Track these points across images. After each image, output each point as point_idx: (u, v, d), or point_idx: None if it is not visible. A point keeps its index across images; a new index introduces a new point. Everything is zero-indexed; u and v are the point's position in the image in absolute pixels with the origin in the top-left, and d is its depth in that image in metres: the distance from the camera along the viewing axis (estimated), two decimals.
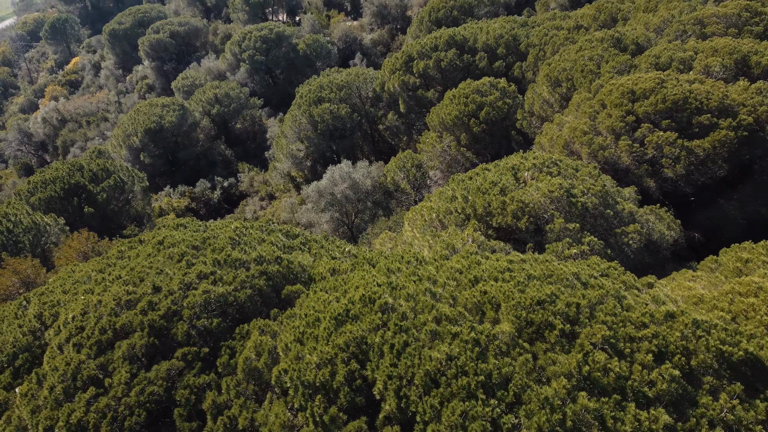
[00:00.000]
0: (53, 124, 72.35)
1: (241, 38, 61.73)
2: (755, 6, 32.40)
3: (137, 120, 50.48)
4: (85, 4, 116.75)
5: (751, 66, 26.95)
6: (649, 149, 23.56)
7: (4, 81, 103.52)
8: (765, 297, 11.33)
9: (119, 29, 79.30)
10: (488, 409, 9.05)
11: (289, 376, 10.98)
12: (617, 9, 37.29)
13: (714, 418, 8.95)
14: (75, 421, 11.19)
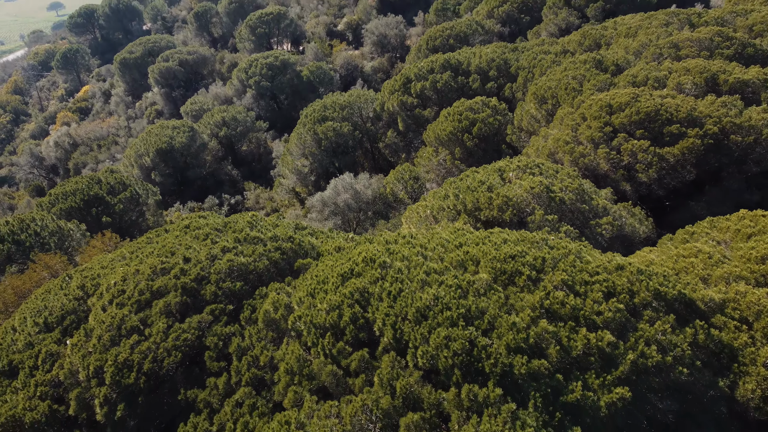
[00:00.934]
0: (65, 147, 75.01)
1: (247, 65, 64.70)
2: (727, 32, 35.10)
3: (149, 141, 52.99)
4: (95, 36, 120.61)
5: (720, 83, 29.42)
6: (624, 156, 25.90)
7: (16, 108, 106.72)
8: (703, 257, 13.49)
9: (130, 58, 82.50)
10: (467, 332, 11.18)
11: (302, 321, 13.11)
12: (601, 35, 40.08)
13: (649, 339, 11.08)
14: (122, 360, 13.26)
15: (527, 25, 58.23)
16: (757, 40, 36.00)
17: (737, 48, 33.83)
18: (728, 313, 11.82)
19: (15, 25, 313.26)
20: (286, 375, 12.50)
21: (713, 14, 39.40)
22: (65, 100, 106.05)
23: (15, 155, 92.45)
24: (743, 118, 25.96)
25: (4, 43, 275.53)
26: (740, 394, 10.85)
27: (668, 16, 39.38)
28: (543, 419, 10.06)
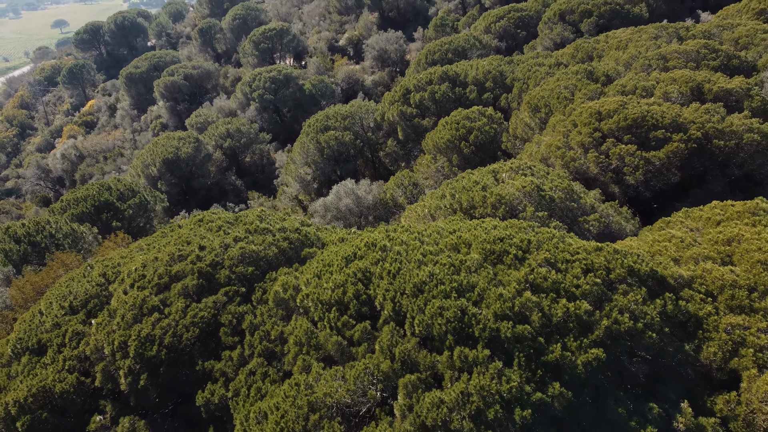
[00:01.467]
0: (71, 159, 76.56)
1: (251, 79, 66.37)
2: (713, 44, 36.63)
3: (155, 151, 54.45)
4: (101, 52, 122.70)
5: (705, 92, 30.85)
6: (613, 160, 27.25)
7: (22, 123, 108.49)
8: (675, 241, 14.77)
9: (136, 72, 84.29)
10: (459, 303, 12.44)
11: (310, 299, 14.37)
12: (593, 48, 41.65)
13: (623, 308, 12.34)
14: (144, 335, 14.50)
15: (524, 39, 59.92)
16: (743, 52, 37.47)
17: (723, 59, 35.31)
18: (695, 288, 13.08)
19: (19, 42, 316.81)
20: (295, 346, 13.73)
21: (700, 28, 40.94)
22: (71, 114, 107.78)
23: (21, 168, 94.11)
24: (725, 124, 27.35)
25: (9, 59, 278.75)
26: (704, 357, 12.06)
27: (657, 30, 40.95)
28: (526, 376, 11.30)
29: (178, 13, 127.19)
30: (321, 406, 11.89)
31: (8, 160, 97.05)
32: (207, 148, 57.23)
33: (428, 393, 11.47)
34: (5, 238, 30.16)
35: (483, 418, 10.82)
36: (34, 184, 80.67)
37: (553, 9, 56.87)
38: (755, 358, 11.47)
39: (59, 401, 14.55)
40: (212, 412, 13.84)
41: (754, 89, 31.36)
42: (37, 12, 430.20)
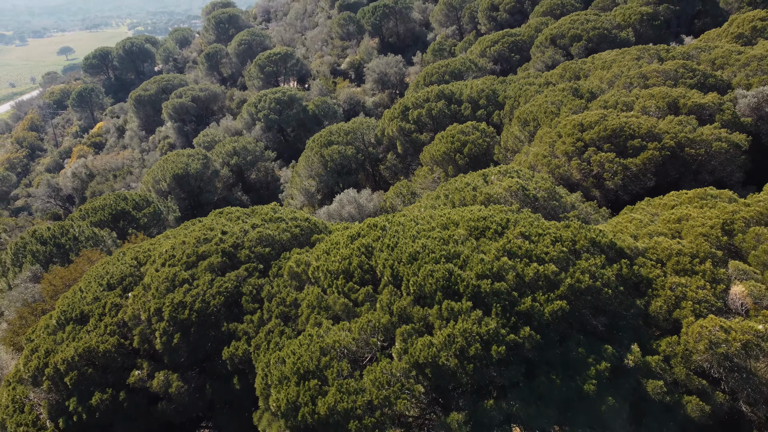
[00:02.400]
0: (82, 178, 79.15)
1: (257, 100, 69.26)
2: (691, 64, 39.36)
3: (165, 167, 57.00)
4: (109, 76, 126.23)
5: (680, 107, 33.44)
6: (594, 166, 29.73)
7: (32, 144, 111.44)
8: (635, 222, 17.15)
9: (144, 95, 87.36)
10: (446, 266, 14.78)
11: (320, 270, 16.71)
12: (580, 68, 44.43)
13: (584, 270, 14.67)
14: (177, 302, 16.80)
15: (517, 63, 62.80)
16: (719, 71, 40.17)
17: (700, 78, 37.99)
18: (647, 256, 15.41)
19: (26, 69, 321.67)
20: (308, 308, 16.02)
21: (680, 50, 43.75)
22: (79, 136, 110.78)
23: (31, 187, 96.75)
24: (696, 134, 29.90)
25: (15, 85, 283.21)
26: (652, 310, 14.34)
27: (640, 52, 43.74)
28: (501, 322, 13.59)
29: (184, 39, 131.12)
30: (331, 351, 14.16)
31: (18, 180, 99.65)
32: (214, 165, 59.81)
33: (420, 338, 13.76)
34: (32, 240, 32.52)
35: (465, 355, 13.10)
36: (45, 202, 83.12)
37: (545, 34, 59.80)
38: (693, 308, 13.75)
39: (102, 360, 16.76)
40: (236, 365, 16.07)
41: (726, 104, 34.01)
42: (43, 39, 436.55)
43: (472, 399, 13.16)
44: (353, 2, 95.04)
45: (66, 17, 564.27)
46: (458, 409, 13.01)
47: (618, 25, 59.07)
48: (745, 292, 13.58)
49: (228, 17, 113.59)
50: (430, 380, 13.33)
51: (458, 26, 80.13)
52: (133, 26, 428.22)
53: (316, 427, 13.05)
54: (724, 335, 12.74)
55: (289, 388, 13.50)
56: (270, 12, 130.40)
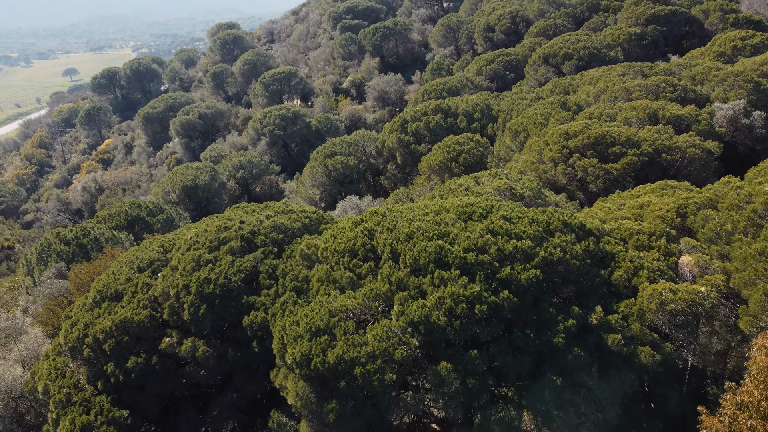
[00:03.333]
0: (91, 192, 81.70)
1: (262, 116, 72.05)
2: (672, 80, 42.03)
3: (175, 179, 59.57)
4: (116, 95, 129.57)
5: (659, 118, 36.04)
6: (578, 171, 32.22)
7: (41, 161, 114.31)
8: (605, 209, 19.56)
9: (152, 112, 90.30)
10: (438, 243, 17.17)
11: (328, 250, 19.09)
12: (569, 84, 47.17)
13: (556, 245, 17.06)
14: (203, 278, 19.17)
15: (512, 80, 65.58)
16: (698, 87, 42.82)
17: (680, 93, 40.63)
18: (612, 235, 17.80)
19: (31, 90, 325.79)
20: (318, 282, 18.39)
21: (662, 66, 46.50)
22: (87, 153, 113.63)
23: (40, 202, 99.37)
24: (672, 141, 32.43)
25: (21, 105, 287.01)
26: (614, 278, 16.69)
27: (625, 68, 46.49)
28: (484, 287, 15.94)
29: (190, 60, 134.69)
30: (338, 314, 16.49)
31: (28, 195, 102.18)
32: (221, 178, 62.39)
33: (415, 302, 16.12)
34: (56, 241, 34.92)
35: (453, 313, 15.44)
36: (55, 216, 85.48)
37: (538, 53, 62.61)
38: (648, 276, 16.10)
39: (136, 330, 19.04)
40: (255, 331, 18.36)
41: (702, 115, 36.64)
42: (48, 61, 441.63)
43: (458, 352, 15.48)
44: (355, 24, 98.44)
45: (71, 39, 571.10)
46: (447, 360, 15.31)
47: (607, 45, 61.90)
48: (693, 262, 15.94)
49: (233, 38, 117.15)
50: (424, 336, 15.66)
51: (456, 46, 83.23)
52: (136, 48, 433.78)
53: (326, 374, 15.33)
54: (672, 296, 15.08)
55: (302, 344, 15.81)
56: (274, 33, 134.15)
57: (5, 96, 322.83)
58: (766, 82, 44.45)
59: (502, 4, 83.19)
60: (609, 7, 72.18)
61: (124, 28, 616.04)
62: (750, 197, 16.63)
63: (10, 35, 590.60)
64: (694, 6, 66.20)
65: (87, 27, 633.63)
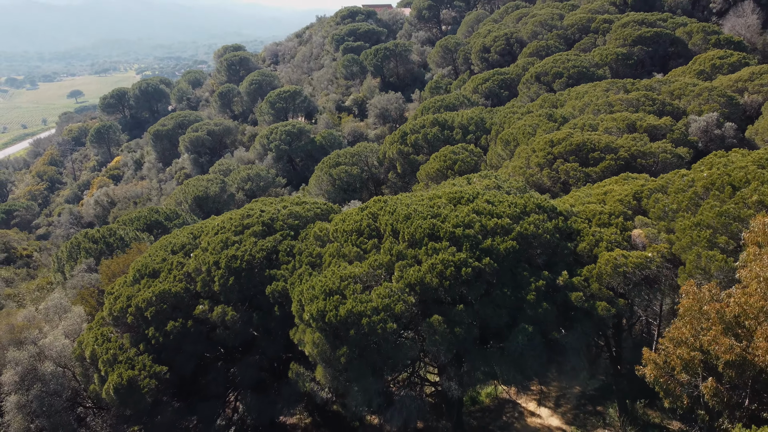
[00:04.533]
0: (104, 205, 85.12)
1: (268, 132, 75.65)
2: (651, 95, 45.61)
3: (187, 191, 62.92)
4: (125, 115, 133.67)
5: (637, 127, 39.45)
6: (561, 174, 35.54)
7: (52, 177, 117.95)
8: (575, 197, 22.84)
9: (162, 130, 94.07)
10: (431, 221, 20.43)
11: (338, 231, 22.35)
12: (557, 99, 50.76)
13: (530, 222, 20.31)
14: (230, 255, 22.40)
15: (506, 98, 69.13)
16: (676, 101, 46.39)
17: (659, 106, 44.18)
18: (579, 216, 21.05)
19: (37, 111, 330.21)
20: (329, 257, 21.61)
21: (644, 83, 50.16)
22: (96, 170, 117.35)
23: (51, 217, 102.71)
24: (646, 147, 35.80)
25: (27, 126, 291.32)
26: (579, 249, 19.91)
27: (609, 85, 50.13)
28: (469, 254, 19.16)
29: (197, 80, 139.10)
30: (348, 279, 19.70)
31: (40, 210, 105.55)
32: (231, 189, 65.76)
33: (412, 268, 19.34)
34: (85, 240, 38.18)
35: (443, 275, 18.64)
36: (67, 229, 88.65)
37: (531, 72, 66.24)
38: (606, 246, 19.32)
39: (173, 299, 22.19)
40: (276, 298, 21.52)
41: (677, 125, 40.13)
42: (53, 83, 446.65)
43: (448, 307, 18.66)
44: (357, 46, 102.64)
45: (75, 62, 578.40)
46: (439, 314, 18.49)
47: (596, 64, 65.54)
48: (643, 234, 19.17)
49: (239, 60, 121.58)
50: (419, 295, 18.87)
51: (453, 67, 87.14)
52: (140, 71, 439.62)
53: (338, 325, 18.48)
54: (624, 260, 18.29)
55: (318, 302, 18.98)
56: (278, 55, 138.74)
57: (12, 117, 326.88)
58: (739, 96, 48.07)
59: (497, 27, 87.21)
60: (598, 29, 75.87)
61: (127, 51, 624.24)
62: (693, 182, 19.93)
63: (16, 58, 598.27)
64: (679, 28, 69.92)
65: (91, 50, 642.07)
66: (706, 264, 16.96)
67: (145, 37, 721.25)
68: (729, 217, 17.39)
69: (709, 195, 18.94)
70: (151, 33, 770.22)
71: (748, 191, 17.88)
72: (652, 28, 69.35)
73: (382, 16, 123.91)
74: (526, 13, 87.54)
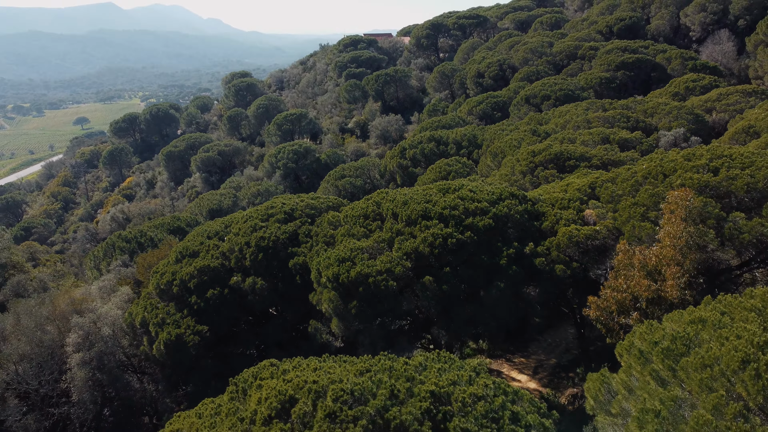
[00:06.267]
0: (119, 221, 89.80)
1: (276, 152, 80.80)
2: (626, 113, 50.71)
3: (201, 204, 67.84)
4: (135, 138, 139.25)
5: (610, 140, 44.42)
6: (541, 180, 40.28)
7: (66, 198, 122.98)
8: (543, 188, 27.64)
9: (174, 151, 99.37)
10: (424, 205, 25.22)
11: (348, 216, 27.13)
12: (542, 118, 55.91)
13: (504, 206, 25.10)
14: (259, 236, 27.14)
15: (498, 118, 74.12)
16: (648, 118, 51.43)
17: (633, 123, 49.23)
18: (544, 201, 25.82)
19: (43, 137, 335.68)
20: (341, 237, 26.35)
21: (621, 103, 55.34)
22: (109, 190, 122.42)
23: (66, 234, 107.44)
24: (616, 156, 40.70)
25: (34, 152, 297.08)
26: (543, 227, 24.64)
27: (589, 104, 55.30)
28: (455, 229, 23.90)
29: (205, 106, 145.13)
30: (356, 250, 24.42)
31: (55, 228, 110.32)
32: (242, 203, 70.69)
33: (408, 240, 24.07)
34: (119, 240, 42.93)
35: (433, 245, 23.37)
36: (84, 245, 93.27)
37: (521, 95, 71.46)
38: (564, 223, 24.05)
39: (212, 273, 26.86)
40: (297, 270, 26.21)
41: (647, 139, 45.10)
42: (59, 111, 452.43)
43: (437, 270, 23.35)
44: (359, 72, 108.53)
45: (80, 90, 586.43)
46: (429, 275, 23.18)
47: (581, 87, 70.80)
48: (594, 213, 23.94)
49: (246, 85, 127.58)
50: (414, 261, 23.58)
51: (450, 91, 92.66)
52: (145, 98, 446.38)
53: (349, 285, 23.14)
54: (577, 233, 23.04)
55: (333, 268, 23.67)
56: (283, 81, 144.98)
57: (19, 143, 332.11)
58: (707, 115, 53.29)
59: (491, 54, 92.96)
60: (585, 56, 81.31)
61: (132, 80, 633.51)
62: (635, 173, 24.78)
63: (22, 87, 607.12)
64: (659, 54, 75.37)
65: (96, 78, 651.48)
66: (638, 232, 21.69)
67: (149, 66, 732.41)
68: (658, 197, 22.16)
69: (646, 182, 23.75)
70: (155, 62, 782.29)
71: (675, 177, 22.70)
72: (634, 55, 74.70)
73: (383, 45, 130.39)
74: (518, 41, 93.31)
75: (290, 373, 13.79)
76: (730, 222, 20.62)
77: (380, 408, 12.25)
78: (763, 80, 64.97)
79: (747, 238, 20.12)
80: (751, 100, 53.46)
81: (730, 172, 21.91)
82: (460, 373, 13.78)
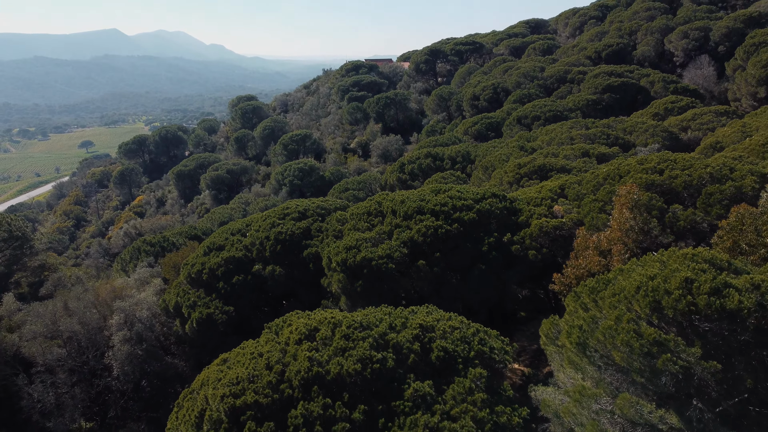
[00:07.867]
0: (132, 236, 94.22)
1: (283, 170, 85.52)
2: (607, 131, 55.43)
3: (213, 217, 72.30)
4: (144, 159, 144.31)
5: (590, 155, 49.07)
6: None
7: (77, 216, 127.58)
8: (521, 191, 32.15)
9: (184, 170, 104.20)
10: (419, 203, 29.72)
11: (353, 214, 31.59)
12: (530, 135, 60.64)
13: (485, 203, 29.60)
14: (277, 231, 31.59)
15: (492, 138, 78.67)
16: (627, 136, 56.10)
17: (612, 139, 53.90)
18: (522, 200, 30.30)
19: (49, 160, 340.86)
20: (347, 230, 30.80)
21: (603, 122, 60.11)
22: (119, 209, 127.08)
23: (78, 251, 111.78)
24: (594, 168, 45.23)
25: (40, 174, 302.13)
26: (520, 220, 29.08)
27: (573, 123, 60.05)
28: (444, 222, 28.35)
29: (212, 128, 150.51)
30: (361, 240, 28.84)
31: (68, 244, 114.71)
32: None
33: (405, 232, 28.51)
34: (143, 244, 47.33)
35: (426, 234, 27.79)
36: (97, 259, 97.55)
37: (513, 116, 76.19)
38: (537, 217, 28.49)
39: (236, 262, 31.21)
40: (310, 259, 30.59)
41: (622, 154, 49.61)
42: (64, 134, 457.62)
43: (429, 256, 27.75)
44: (360, 95, 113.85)
45: (85, 114, 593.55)
46: (423, 260, 27.56)
47: (569, 108, 75.59)
48: (561, 209, 28.40)
49: (253, 108, 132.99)
50: (409, 248, 27.99)
51: (447, 113, 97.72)
52: (149, 122, 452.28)
53: (355, 268, 27.51)
54: (547, 224, 27.47)
55: (341, 254, 28.06)
56: (287, 104, 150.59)
57: (25, 166, 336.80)
58: (683, 133, 58.03)
59: (486, 78, 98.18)
60: (574, 79, 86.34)
61: (136, 104, 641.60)
62: (598, 175, 29.32)
63: (27, 111, 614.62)
64: (643, 78, 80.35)
65: (101, 103, 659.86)
66: (596, 222, 26.15)
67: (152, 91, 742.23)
68: (614, 194, 26.66)
69: (605, 182, 28.28)
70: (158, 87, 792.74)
71: (628, 177, 27.23)
72: (620, 78, 79.65)
73: (384, 70, 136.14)
74: (511, 66, 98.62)
75: (313, 315, 18.18)
76: (670, 212, 25.10)
77: (382, 333, 16.63)
78: (740, 102, 69.80)
79: (682, 224, 24.58)
80: (723, 119, 58.19)
81: (672, 173, 26.46)
82: (442, 314, 18.16)
